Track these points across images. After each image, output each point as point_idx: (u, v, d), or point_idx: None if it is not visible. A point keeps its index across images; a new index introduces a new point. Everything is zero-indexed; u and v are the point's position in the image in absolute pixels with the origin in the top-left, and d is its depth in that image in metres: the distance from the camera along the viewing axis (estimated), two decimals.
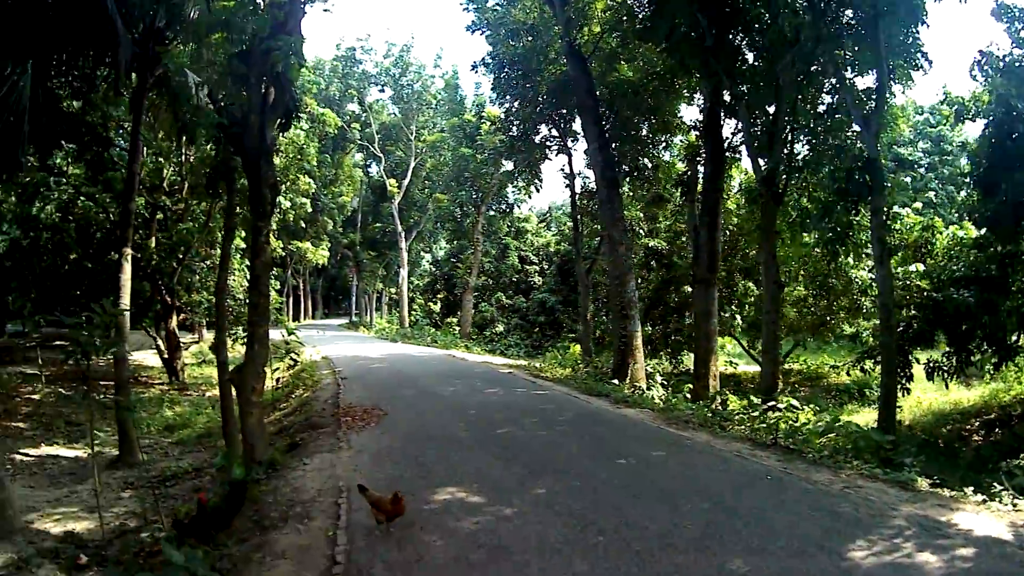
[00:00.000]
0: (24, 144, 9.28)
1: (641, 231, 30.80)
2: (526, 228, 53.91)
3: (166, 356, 25.18)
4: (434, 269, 61.29)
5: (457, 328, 47.85)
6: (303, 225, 43.49)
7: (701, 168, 24.37)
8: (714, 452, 10.41)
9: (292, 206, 31.93)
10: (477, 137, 44.15)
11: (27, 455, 13.88)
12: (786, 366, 32.42)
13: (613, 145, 24.16)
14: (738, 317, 30.27)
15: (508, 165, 44.16)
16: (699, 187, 24.10)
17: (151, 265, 23.65)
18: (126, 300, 14.34)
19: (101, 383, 23.04)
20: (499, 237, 51.58)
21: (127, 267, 14.54)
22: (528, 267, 50.97)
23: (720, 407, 15.08)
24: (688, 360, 34.14)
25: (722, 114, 22.12)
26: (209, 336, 32.05)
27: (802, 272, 28.47)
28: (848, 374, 25.23)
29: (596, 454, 10.15)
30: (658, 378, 22.76)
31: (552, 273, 48.99)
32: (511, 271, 50.12)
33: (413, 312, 56.03)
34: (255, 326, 9.43)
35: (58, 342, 32.40)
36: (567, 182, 28.63)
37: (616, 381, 19.73)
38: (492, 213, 49.04)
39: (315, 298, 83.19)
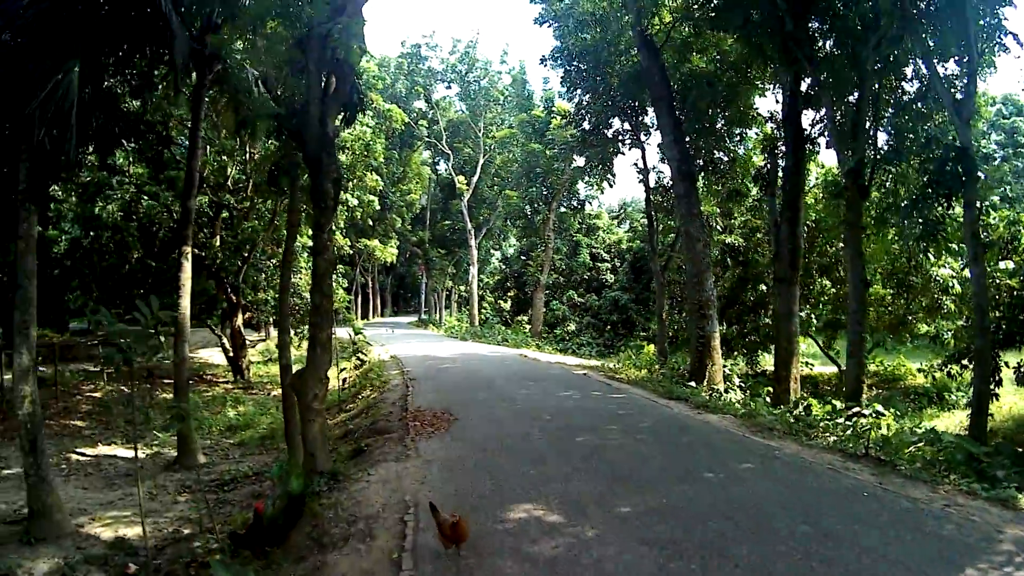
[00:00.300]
0: (72, 141, 8.87)
1: (718, 227, 29.72)
2: (597, 225, 52.95)
3: (231, 355, 25.24)
4: (504, 267, 60.69)
5: (528, 327, 47.28)
6: (371, 223, 43.31)
7: (780, 161, 23.28)
8: (805, 465, 9.57)
9: (360, 203, 31.66)
10: (547, 132, 43.40)
11: (84, 455, 13.82)
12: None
13: (688, 138, 23.20)
14: (813, 316, 29.06)
15: (579, 161, 43.52)
16: (778, 181, 23.03)
17: (215, 263, 23.74)
18: (186, 300, 14.12)
19: (166, 381, 23.38)
20: (570, 234, 50.71)
21: (187, 266, 14.30)
22: (600, 265, 50.05)
23: (804, 413, 14.16)
24: (765, 361, 33.06)
25: (800, 104, 21.10)
26: (276, 334, 32.01)
27: (879, 270, 27.10)
28: (934, 377, 24.08)
29: (681, 467, 9.36)
30: (735, 380, 21.79)
31: (624, 271, 48.01)
32: (582, 269, 49.27)
33: (483, 310, 55.62)
34: (317, 328, 8.89)
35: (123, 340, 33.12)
36: (640, 177, 27.75)
37: (693, 383, 18.84)
38: (563, 210, 48.22)
39: (384, 296, 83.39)
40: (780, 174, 22.88)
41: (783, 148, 22.54)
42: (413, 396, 15.96)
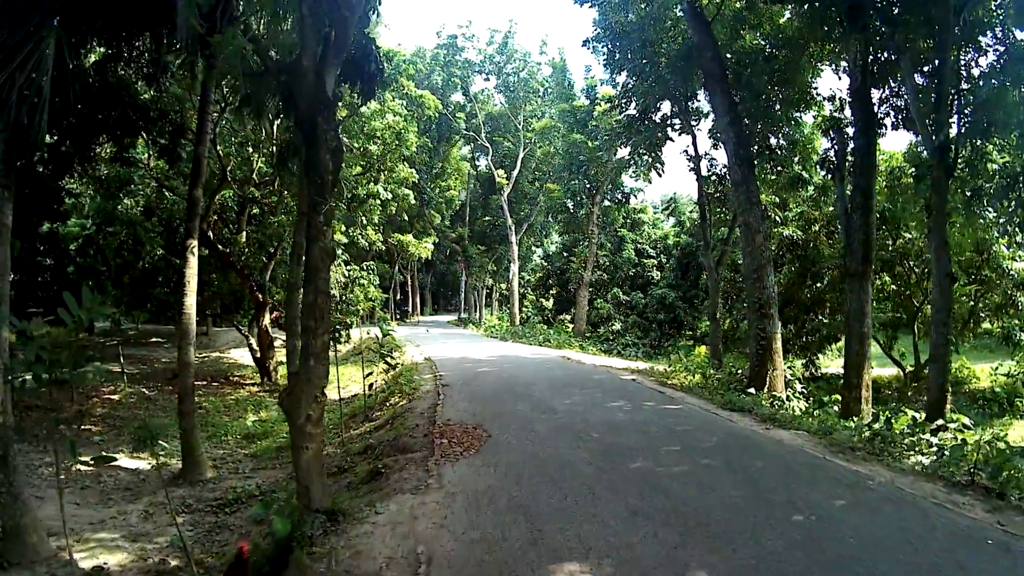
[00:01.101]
0: (43, 118, 7.48)
1: (776, 218, 27.66)
2: (642, 219, 50.96)
3: (258, 356, 24.26)
4: (546, 264, 58.93)
5: (570, 326, 45.55)
6: (406, 218, 41.76)
7: (849, 143, 21.27)
8: (905, 498, 7.91)
9: (394, 197, 30.18)
10: (589, 122, 41.67)
11: (87, 464, 12.45)
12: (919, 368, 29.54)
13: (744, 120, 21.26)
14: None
15: (623, 152, 41.79)
16: (846, 165, 21.05)
17: (240, 260, 22.95)
18: (191, 299, 13.02)
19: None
20: (614, 229, 48.75)
21: (193, 262, 13.19)
22: (645, 261, 48.05)
23: (884, 427, 12.26)
24: (824, 363, 31.19)
25: (869, 79, 19.15)
26: None
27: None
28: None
29: (761, 504, 7.56)
30: (797, 386, 19.94)
31: (671, 267, 45.96)
32: (627, 265, 47.30)
33: (524, 309, 54.10)
34: (310, 334, 7.17)
35: (155, 339, 32.52)
36: (691, 165, 25.82)
37: (753, 390, 17.13)
38: (607, 203, 46.33)
39: (423, 294, 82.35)
40: (849, 158, 20.90)
41: (850, 129, 20.60)
42: (443, 406, 14.35)
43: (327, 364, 7.31)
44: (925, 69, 18.23)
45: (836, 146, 21.88)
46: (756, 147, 23.18)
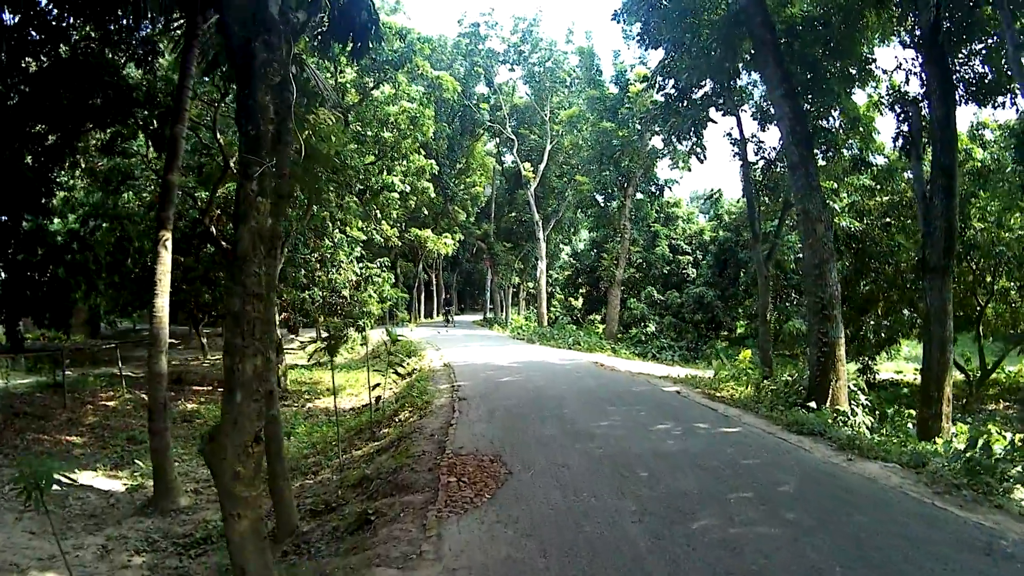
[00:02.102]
0: None
1: (834, 207, 25.04)
2: (676, 213, 48.37)
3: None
4: (575, 262, 56.57)
5: (601, 327, 43.21)
6: (426, 212, 39.56)
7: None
8: None
9: (413, 191, 28.11)
10: (619, 109, 39.36)
11: (58, 483, 10.84)
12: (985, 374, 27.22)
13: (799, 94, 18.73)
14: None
15: (657, 141, 39.42)
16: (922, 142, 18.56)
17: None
18: (162, 300, 11.38)
19: (196, 388, 21.24)
20: (647, 224, 46.21)
21: (165, 257, 11.42)
22: (680, 257, 45.48)
23: (982, 454, 9.85)
24: (879, 366, 28.83)
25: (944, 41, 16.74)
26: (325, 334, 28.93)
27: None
28: None
29: None
30: (861, 398, 17.53)
31: (708, 264, 43.33)
32: (661, 262, 44.77)
33: (552, 309, 51.97)
34: (237, 357, 4.90)
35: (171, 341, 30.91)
36: (735, 150, 23.34)
37: (814, 404, 14.67)
38: (639, 196, 43.80)
39: (449, 294, 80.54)
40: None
41: (924, 102, 18.10)
42: (457, 426, 12.19)
43: (260, 402, 4.99)
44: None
45: (908, 121, 19.26)
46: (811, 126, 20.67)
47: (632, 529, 6.79)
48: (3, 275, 21.19)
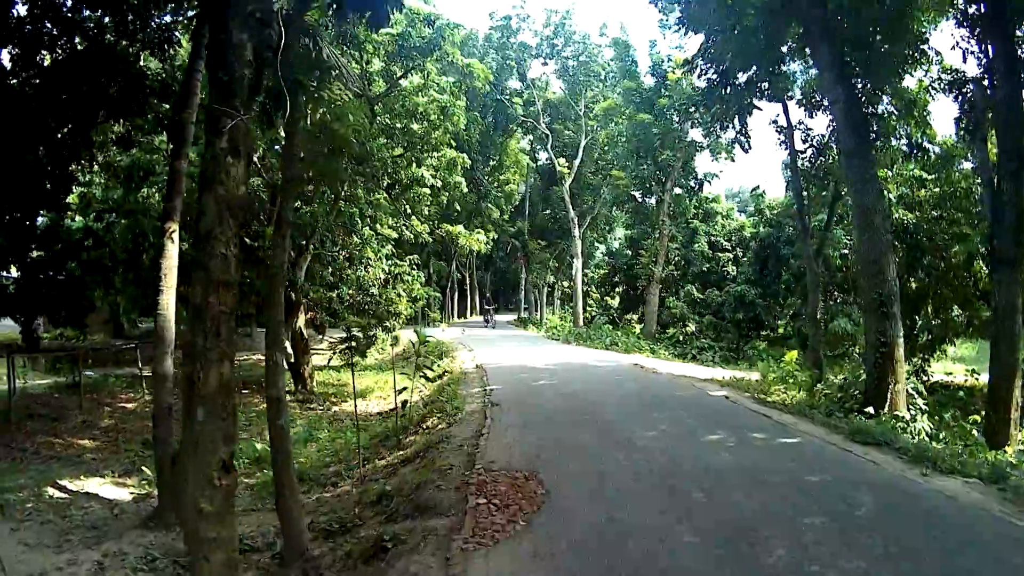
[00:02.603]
0: None
1: (891, 197, 23.53)
2: (715, 209, 46.95)
3: (292, 361, 21.70)
4: (611, 260, 55.32)
5: (638, 327, 41.95)
6: (458, 208, 38.51)
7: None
8: None
9: (445, 186, 27.16)
10: (657, 101, 38.09)
11: (64, 489, 10.82)
12: None
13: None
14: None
15: (696, 134, 38.24)
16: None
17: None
18: (168, 297, 10.46)
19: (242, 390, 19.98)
20: (685, 219, 44.77)
21: (171, 250, 10.58)
22: (720, 255, 44.08)
23: None
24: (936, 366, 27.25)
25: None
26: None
27: None
28: None
29: None
30: (920, 402, 16.30)
31: (749, 261, 41.87)
32: (700, 260, 43.40)
33: (588, 308, 50.55)
34: (200, 361, 3.90)
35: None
36: (780, 138, 22.10)
37: (871, 409, 13.47)
38: (678, 191, 42.41)
39: (483, 293, 79.71)
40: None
41: (993, 73, 16.69)
42: (489, 436, 11.15)
43: (229, 419, 3.98)
44: None
45: (970, 103, 17.81)
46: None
47: (688, 559, 5.76)
48: (18, 273, 20.79)
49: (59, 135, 15.83)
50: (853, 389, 16.06)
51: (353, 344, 13.08)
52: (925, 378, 24.51)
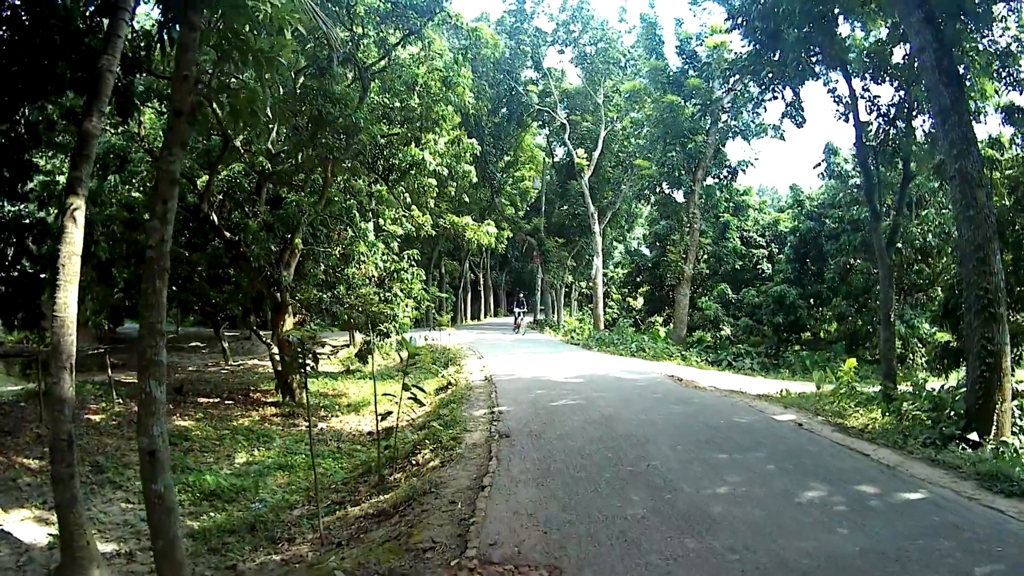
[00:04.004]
0: None
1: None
2: (747, 202, 43.61)
3: (279, 369, 19.69)
4: (634, 258, 52.21)
5: (663, 330, 38.70)
6: (466, 199, 35.22)
7: None
8: None
9: (452, 175, 24.11)
10: (686, 82, 35.04)
11: None
12: None
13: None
14: None
15: (728, 118, 35.15)
16: None
17: (250, 250, 18.38)
18: (65, 295, 7.36)
19: (202, 399, 18.94)
20: (716, 213, 41.41)
21: (73, 234, 7.47)
22: (753, 251, 40.74)
23: None
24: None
25: None
26: (360, 339, 25.43)
27: None
28: None
29: None
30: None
31: (787, 257, 38.45)
32: (732, 256, 40.09)
33: (608, 309, 47.61)
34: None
35: (195, 343, 29.01)
36: (840, 111, 18.74)
37: (975, 435, 10.92)
38: (710, 181, 39.11)
39: (498, 294, 77.13)
40: None
41: None
42: (492, 491, 8.00)
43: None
44: None
45: None
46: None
47: None
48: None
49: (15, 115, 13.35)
50: (948, 408, 12.95)
51: (298, 357, 9.83)
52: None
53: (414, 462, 11.09)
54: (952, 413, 12.57)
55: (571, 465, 8.96)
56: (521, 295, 40.96)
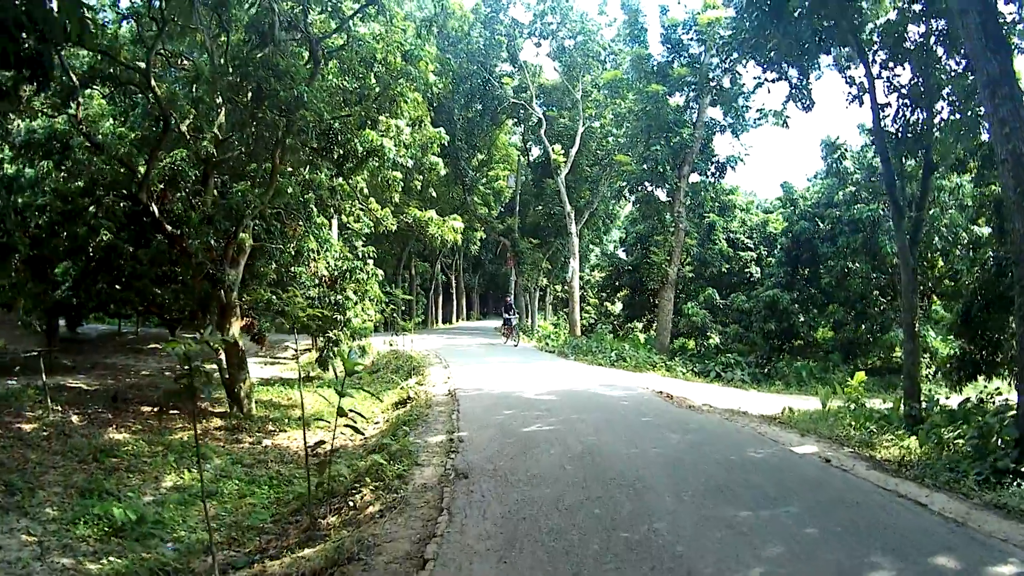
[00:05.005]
0: None
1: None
2: (733, 202, 41.67)
3: (226, 376, 17.32)
4: (613, 261, 50.38)
5: (643, 336, 36.59)
6: (434, 196, 32.82)
7: None
8: None
9: (421, 167, 21.91)
10: (670, 71, 33.23)
11: None
12: None
13: None
14: None
15: (716, 113, 33.28)
16: None
17: (193, 245, 16.59)
18: None
19: (145, 408, 16.80)
20: (701, 212, 39.37)
21: None
22: (741, 254, 38.73)
23: None
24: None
25: None
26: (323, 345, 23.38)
27: None
28: None
29: None
30: None
31: (779, 260, 36.39)
32: (718, 259, 38.05)
33: (585, 314, 45.58)
34: None
35: (154, 345, 26.87)
36: (852, 93, 16.59)
37: None
38: (696, 178, 36.91)
39: (471, 297, 75.15)
40: None
41: None
42: (437, 566, 5.89)
43: None
44: None
45: None
46: None
47: None
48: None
49: None
50: (995, 435, 10.91)
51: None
52: None
53: (352, 503, 8.80)
54: (1001, 441, 10.58)
55: (546, 527, 6.67)
56: (510, 298, 37.30)
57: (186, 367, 6.94)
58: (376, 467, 9.74)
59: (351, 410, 9.18)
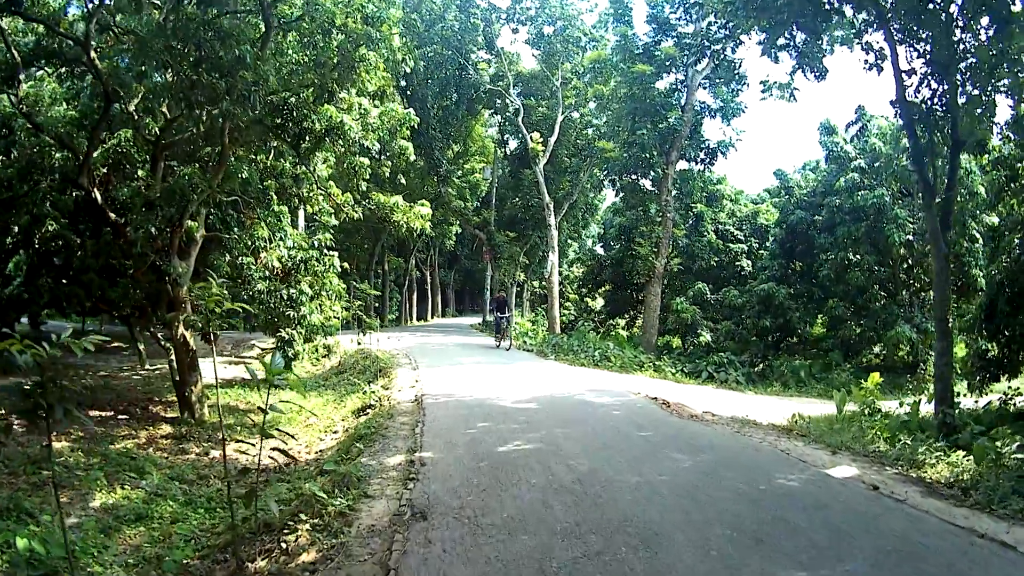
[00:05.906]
0: None
1: None
2: (721, 192, 40.06)
3: (176, 379, 15.91)
4: (593, 255, 48.85)
5: (625, 332, 34.89)
6: (403, 183, 30.78)
7: None
8: None
9: (389, 152, 20.04)
10: (656, 52, 31.66)
11: None
12: None
13: None
14: None
15: (705, 96, 31.66)
16: None
17: (138, 235, 14.90)
18: None
19: (96, 412, 15.22)
20: (688, 202, 37.69)
21: None
22: (732, 246, 37.07)
23: None
24: None
25: None
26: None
27: None
28: None
29: None
30: None
31: (772, 253, 34.69)
32: (707, 252, 36.37)
33: (564, 311, 44.10)
34: None
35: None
36: (870, 61, 14.80)
37: None
38: (684, 165, 35.29)
39: (446, 294, 73.56)
40: None
41: None
42: None
43: None
44: None
45: None
46: None
47: None
48: None
49: None
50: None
51: None
52: None
53: (285, 545, 6.89)
54: None
55: None
56: (503, 294, 34.27)
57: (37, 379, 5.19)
58: (314, 500, 7.83)
59: (283, 431, 7.34)
